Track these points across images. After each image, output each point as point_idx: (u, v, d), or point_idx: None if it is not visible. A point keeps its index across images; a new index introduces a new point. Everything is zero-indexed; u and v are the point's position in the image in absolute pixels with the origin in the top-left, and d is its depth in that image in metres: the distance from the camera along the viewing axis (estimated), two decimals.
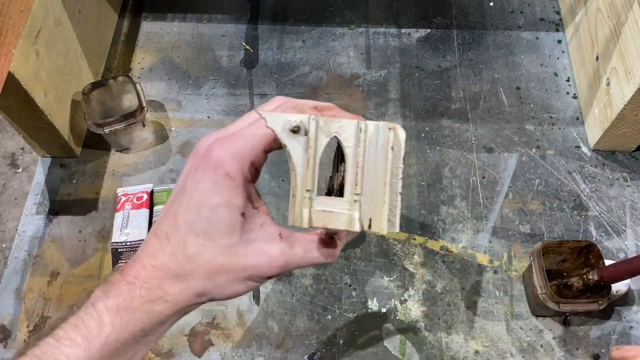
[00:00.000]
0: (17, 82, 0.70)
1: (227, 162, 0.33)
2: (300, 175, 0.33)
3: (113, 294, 0.33)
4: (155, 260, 0.34)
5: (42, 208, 0.83)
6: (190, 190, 0.34)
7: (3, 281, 0.77)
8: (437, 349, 0.72)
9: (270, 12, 1.03)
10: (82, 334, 0.32)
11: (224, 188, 0.33)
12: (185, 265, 0.34)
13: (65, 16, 0.82)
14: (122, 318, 0.33)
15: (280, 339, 0.73)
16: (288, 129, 0.32)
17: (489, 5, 1.03)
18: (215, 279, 0.34)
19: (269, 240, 0.35)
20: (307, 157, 0.33)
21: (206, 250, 0.34)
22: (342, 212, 0.33)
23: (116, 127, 0.80)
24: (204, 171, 0.33)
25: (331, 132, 0.33)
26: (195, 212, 0.33)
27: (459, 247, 0.79)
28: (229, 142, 0.34)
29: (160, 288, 0.34)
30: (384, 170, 0.33)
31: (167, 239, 0.34)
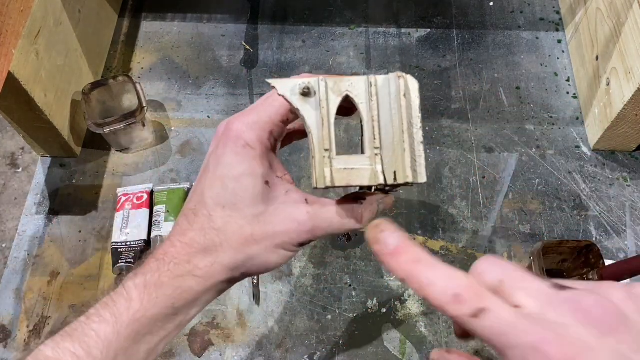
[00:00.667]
0: (17, 82, 0.70)
1: (246, 133, 0.34)
2: (316, 136, 0.32)
3: (141, 272, 0.33)
4: (184, 237, 0.34)
5: (42, 208, 0.83)
6: (214, 165, 0.34)
7: (3, 281, 0.77)
8: (437, 349, 0.72)
9: (270, 12, 1.03)
10: (111, 310, 0.32)
11: (245, 158, 0.33)
12: (214, 238, 0.33)
13: (65, 16, 0.82)
14: (151, 294, 0.33)
15: (280, 338, 0.73)
16: (299, 93, 0.32)
17: (489, 5, 1.03)
18: (246, 250, 0.34)
19: (295, 206, 0.35)
20: (320, 117, 0.32)
21: (234, 221, 0.33)
22: (364, 168, 0.32)
23: (116, 127, 0.80)
24: (224, 145, 0.34)
25: (342, 91, 0.33)
26: (220, 185, 0.34)
27: (459, 247, 0.79)
28: (246, 115, 0.34)
29: (189, 262, 0.33)
30: (400, 120, 0.32)
31: (194, 215, 0.34)
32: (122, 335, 0.32)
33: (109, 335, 0.32)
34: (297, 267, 0.77)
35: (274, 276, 0.77)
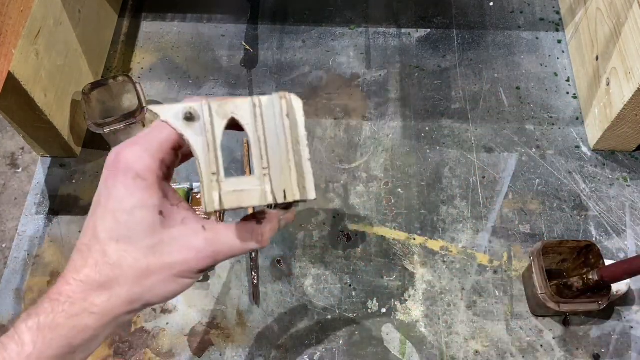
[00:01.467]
0: (17, 82, 0.70)
1: (136, 163, 0.33)
2: (204, 160, 0.33)
3: (34, 314, 0.32)
4: (78, 274, 0.33)
5: (42, 208, 0.83)
6: (105, 199, 0.33)
7: (3, 281, 0.77)
8: (437, 349, 0.72)
9: (270, 12, 1.03)
10: (2, 356, 0.31)
11: (136, 190, 0.33)
12: (109, 273, 0.33)
13: (65, 16, 0.82)
14: (45, 336, 0.32)
15: (280, 339, 0.73)
16: (182, 118, 0.33)
17: (488, 5, 1.03)
18: (143, 283, 0.33)
19: (192, 233, 0.34)
20: (206, 141, 0.33)
21: (129, 255, 0.33)
22: (254, 189, 0.33)
23: (116, 127, 0.80)
24: (114, 177, 0.33)
25: (227, 114, 0.33)
26: (112, 219, 0.33)
27: (459, 247, 0.79)
28: (134, 144, 0.34)
29: (85, 300, 0.33)
30: (285, 140, 0.33)
31: (88, 251, 0.33)
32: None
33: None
34: (297, 267, 0.77)
35: (274, 276, 0.77)
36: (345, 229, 0.80)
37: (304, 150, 0.33)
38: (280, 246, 0.79)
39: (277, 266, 0.78)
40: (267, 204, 0.33)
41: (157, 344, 0.73)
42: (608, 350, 0.71)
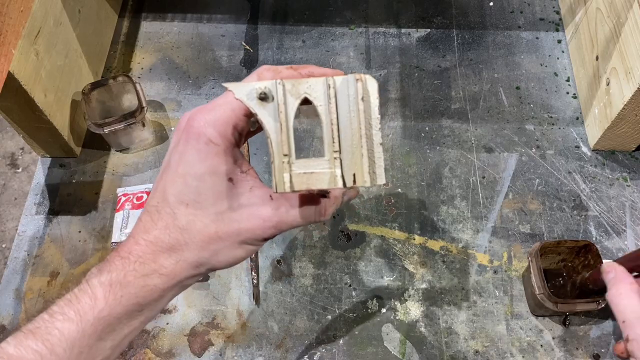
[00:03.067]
0: (16, 82, 0.70)
1: (209, 129, 0.33)
2: (275, 141, 0.32)
3: (106, 270, 0.33)
4: (148, 234, 0.34)
5: (42, 208, 0.83)
6: (175, 162, 0.34)
7: (3, 281, 0.77)
8: (437, 349, 0.72)
9: (270, 12, 1.03)
10: (75, 308, 0.32)
11: (208, 155, 0.33)
12: (178, 237, 0.33)
13: (65, 16, 0.82)
14: (116, 292, 0.33)
15: (280, 339, 0.73)
16: (256, 97, 0.32)
17: (488, 5, 1.03)
18: (210, 247, 0.34)
19: (260, 202, 0.34)
20: (278, 122, 0.32)
21: (198, 220, 0.33)
22: (324, 172, 0.32)
23: (116, 127, 0.80)
24: (186, 142, 0.33)
25: (300, 94, 0.32)
26: (182, 183, 0.33)
27: (459, 247, 0.79)
28: (208, 110, 0.34)
29: (154, 261, 0.33)
30: (358, 123, 0.32)
31: (157, 213, 0.34)
32: (86, 333, 0.32)
33: (72, 333, 0.32)
34: (297, 267, 0.77)
35: (274, 276, 0.77)
36: (345, 229, 0.80)
37: (376, 135, 0.32)
38: (280, 246, 0.79)
39: (277, 266, 0.78)
40: (336, 187, 0.32)
41: (157, 344, 0.73)
42: (608, 350, 0.71)
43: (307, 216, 0.35)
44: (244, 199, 0.34)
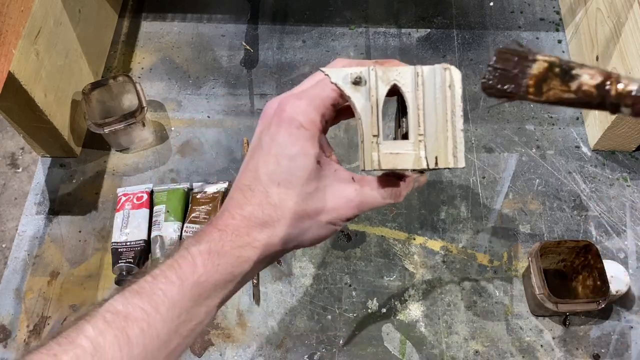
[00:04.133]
0: (17, 82, 0.70)
1: (300, 115, 0.36)
2: (366, 122, 0.34)
3: (205, 240, 0.36)
4: (242, 210, 0.36)
5: (42, 208, 0.83)
6: (267, 144, 0.36)
7: (3, 281, 0.77)
8: (437, 349, 0.72)
9: (270, 12, 1.03)
10: (177, 273, 0.34)
11: (299, 139, 0.36)
12: (271, 213, 0.36)
13: (65, 16, 0.82)
14: (214, 261, 0.35)
15: (280, 338, 0.73)
16: (350, 82, 0.34)
17: (489, 5, 1.03)
18: (300, 225, 0.36)
19: (344, 183, 0.37)
20: (370, 105, 0.34)
21: (289, 198, 0.36)
22: (409, 153, 0.35)
23: (116, 127, 0.80)
24: (278, 125, 0.36)
25: (390, 80, 0.35)
26: (275, 163, 0.36)
27: (459, 247, 0.79)
28: (299, 97, 0.37)
29: (248, 235, 0.36)
30: (444, 109, 0.35)
31: (250, 191, 0.36)
32: (186, 297, 0.34)
33: (174, 295, 0.34)
34: (297, 267, 0.77)
35: (274, 276, 0.77)
36: (345, 229, 0.80)
37: (459, 121, 0.35)
38: None
39: (277, 266, 0.78)
40: (420, 168, 0.35)
41: None
42: (608, 350, 0.71)
43: (385, 197, 0.38)
44: (330, 181, 0.37)
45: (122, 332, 0.33)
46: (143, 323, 0.33)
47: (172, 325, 0.34)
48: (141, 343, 0.33)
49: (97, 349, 0.32)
